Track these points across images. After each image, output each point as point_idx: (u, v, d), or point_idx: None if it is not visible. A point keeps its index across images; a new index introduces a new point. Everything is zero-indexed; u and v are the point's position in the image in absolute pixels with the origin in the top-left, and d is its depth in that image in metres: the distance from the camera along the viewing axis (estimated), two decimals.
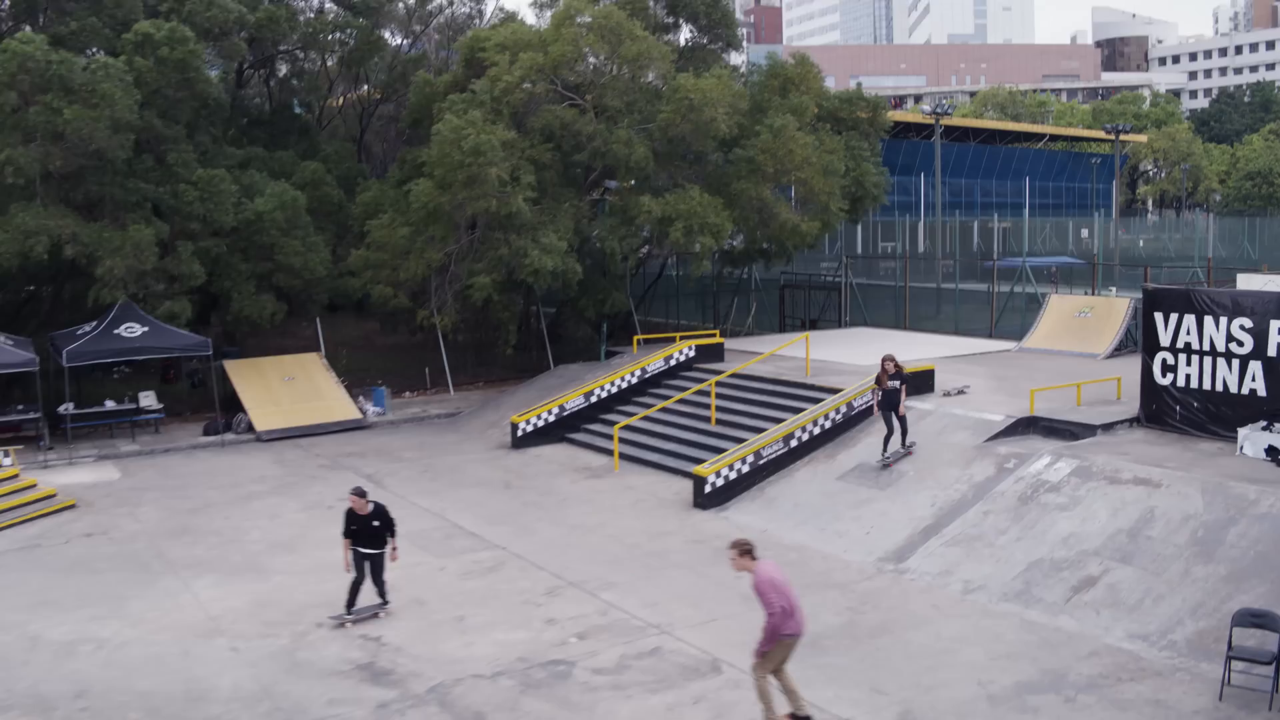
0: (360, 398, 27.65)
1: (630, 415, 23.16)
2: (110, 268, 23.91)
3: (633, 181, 27.95)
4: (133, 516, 19.23)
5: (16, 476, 20.69)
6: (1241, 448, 16.13)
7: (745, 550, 10.62)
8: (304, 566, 16.07)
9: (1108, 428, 17.87)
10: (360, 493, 13.49)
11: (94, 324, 24.89)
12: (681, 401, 22.93)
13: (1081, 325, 26.08)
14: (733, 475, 18.53)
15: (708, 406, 22.32)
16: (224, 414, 26.14)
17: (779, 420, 20.65)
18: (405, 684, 11.91)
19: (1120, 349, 24.96)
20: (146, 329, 24.93)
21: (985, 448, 17.84)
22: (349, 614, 13.59)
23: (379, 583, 13.69)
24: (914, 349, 25.87)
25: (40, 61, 22.73)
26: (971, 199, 65.43)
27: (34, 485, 20.49)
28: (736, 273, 35.29)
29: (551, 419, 23.82)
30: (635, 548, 16.58)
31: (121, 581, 15.81)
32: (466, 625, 13.58)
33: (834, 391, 20.97)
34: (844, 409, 19.94)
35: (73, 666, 12.78)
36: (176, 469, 22.86)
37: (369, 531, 13.40)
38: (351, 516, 13.42)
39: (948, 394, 20.75)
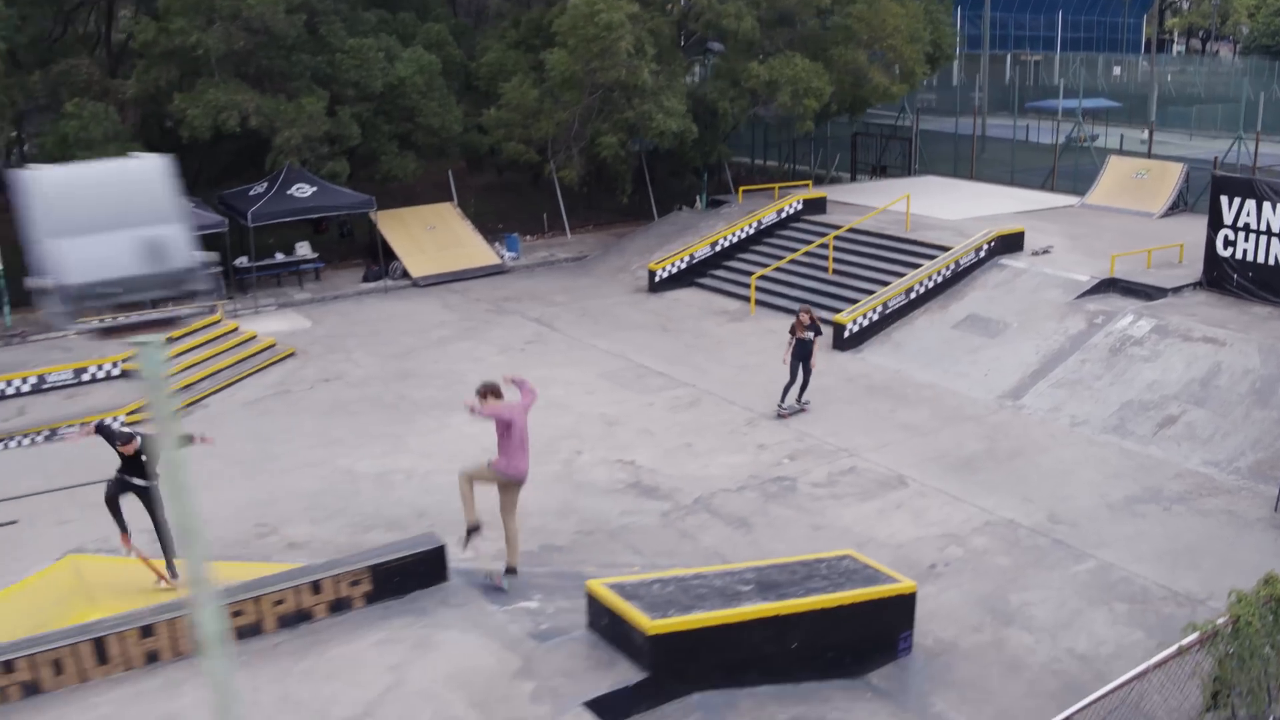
0: (495, 243, 31.23)
1: (751, 263, 26.93)
2: (288, 137, 27.14)
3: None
4: (352, 362, 23.03)
5: (237, 329, 24.45)
6: None
7: (485, 392, 11.65)
8: (541, 400, 19.97)
9: (1176, 290, 21.69)
10: None
11: (265, 186, 28.13)
12: (801, 252, 26.58)
13: (1138, 185, 29.64)
14: (865, 323, 22.48)
15: (823, 257, 26.03)
16: (375, 261, 29.72)
17: (887, 271, 24.46)
18: (673, 497, 16.07)
19: (1173, 209, 28.59)
20: (315, 189, 28.26)
21: (1075, 304, 21.73)
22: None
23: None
24: (986, 202, 29.56)
25: None
26: (1005, 32, 67.08)
27: (254, 336, 24.21)
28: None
29: (683, 266, 27.58)
30: None
31: (384, 421, 19.67)
32: (695, 451, 17.69)
33: (938, 248, 24.69)
34: (953, 266, 23.71)
35: (398, 494, 16.73)
36: (358, 315, 26.54)
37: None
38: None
39: (1035, 253, 24.49)
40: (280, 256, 29.05)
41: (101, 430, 12.96)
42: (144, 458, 12.46)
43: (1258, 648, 8.89)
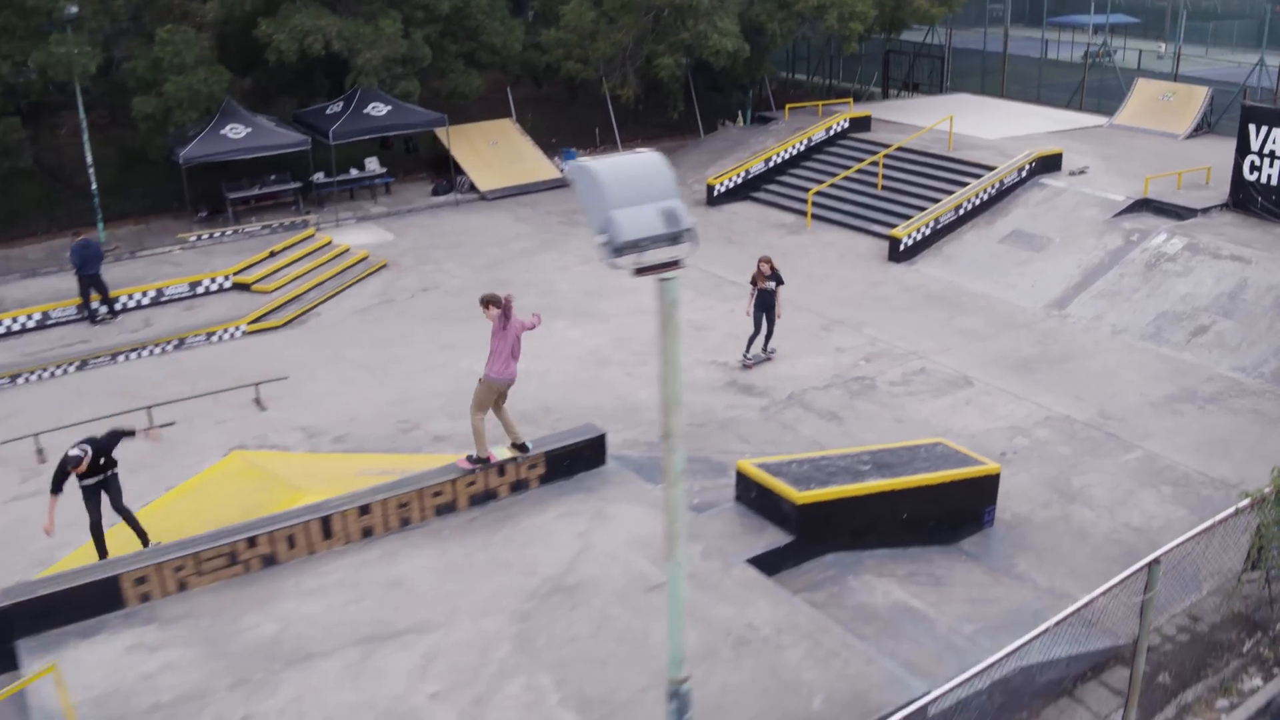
0: (554, 158, 32.97)
1: (803, 179, 28.79)
2: (369, 59, 28.70)
3: None
4: (444, 272, 24.99)
5: (331, 243, 26.31)
6: None
7: (487, 302, 12.62)
8: (626, 309, 22.11)
9: (1205, 211, 23.62)
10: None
11: (340, 105, 29.78)
12: (854, 169, 28.43)
13: (1164, 107, 31.39)
14: (918, 237, 24.46)
15: (872, 174, 27.90)
16: (443, 176, 31.49)
17: (933, 188, 26.37)
18: (769, 394, 18.25)
19: (1197, 130, 30.40)
20: (390, 108, 29.93)
21: (1112, 222, 23.72)
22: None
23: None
24: (1020, 122, 31.35)
25: None
26: None
27: (348, 249, 26.09)
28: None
29: (739, 181, 29.44)
30: (863, 294, 22.68)
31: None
32: (782, 354, 19.83)
33: (982, 167, 26.55)
34: (997, 185, 25.61)
35: (524, 391, 18.50)
36: (436, 228, 28.41)
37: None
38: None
39: (1072, 173, 26.39)
40: (355, 172, 30.72)
41: (66, 465, 12.61)
42: (101, 460, 12.72)
43: None
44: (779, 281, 18.50)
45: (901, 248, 24.18)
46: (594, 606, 11.05)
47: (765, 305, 18.56)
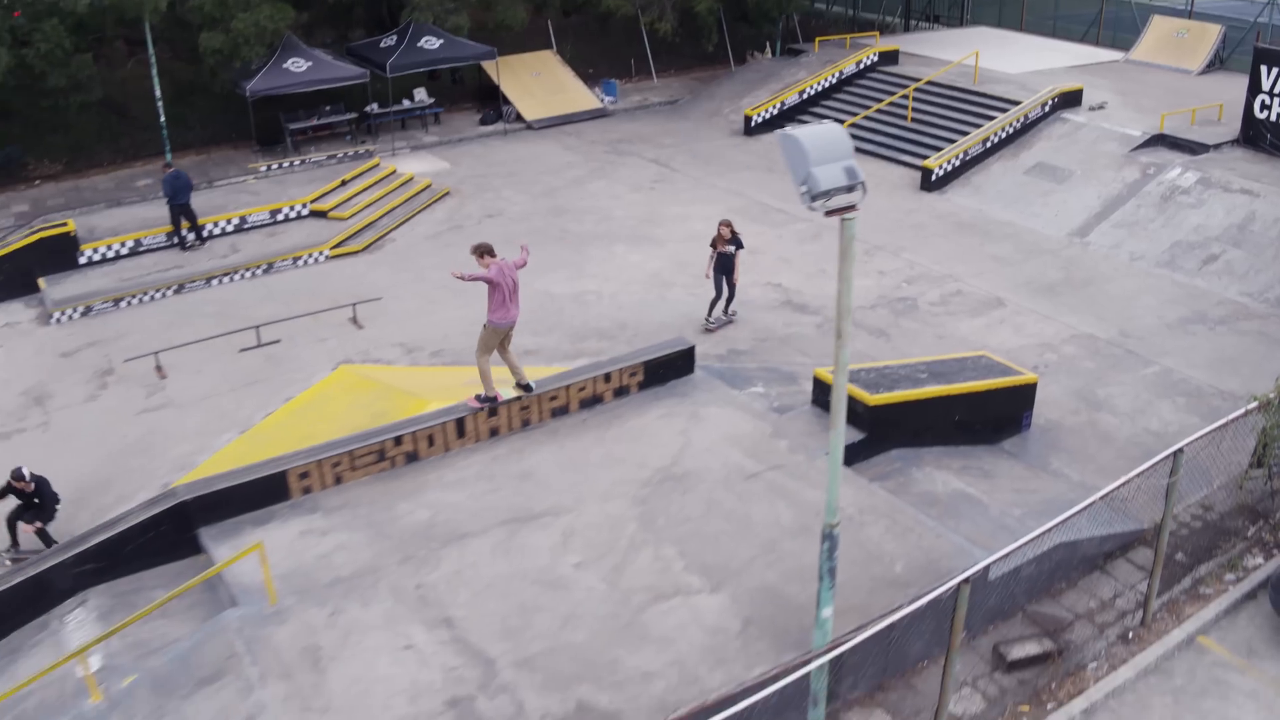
0: (595, 88, 34.45)
1: (835, 110, 30.37)
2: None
3: None
4: (505, 200, 26.64)
5: (395, 172, 27.86)
6: None
7: (480, 251, 13.37)
8: (679, 236, 23.90)
9: (1217, 147, 25.25)
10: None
11: (394, 39, 31.12)
12: (885, 103, 30.01)
13: (1178, 44, 32.87)
14: (949, 168, 26.15)
15: (902, 107, 29.50)
16: (487, 105, 32.98)
17: (960, 120, 27.98)
18: (821, 312, 20.11)
19: (1209, 67, 31.92)
20: (442, 41, 31.34)
21: (1130, 156, 25.41)
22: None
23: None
24: (1040, 56, 32.84)
25: None
26: None
27: (412, 178, 27.69)
28: None
29: (775, 112, 31.01)
30: (898, 221, 24.42)
31: (558, 251, 23.35)
32: (829, 275, 21.56)
33: (1008, 101, 28.14)
34: (1022, 119, 27.24)
35: (596, 310, 20.72)
36: (489, 157, 29.96)
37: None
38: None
39: (1092, 109, 27.99)
40: (406, 103, 32.20)
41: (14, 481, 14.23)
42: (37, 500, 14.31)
43: None
44: (739, 245, 18.77)
45: (933, 178, 25.87)
46: (701, 492, 13.04)
47: (725, 268, 18.79)
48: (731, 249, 18.64)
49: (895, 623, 9.02)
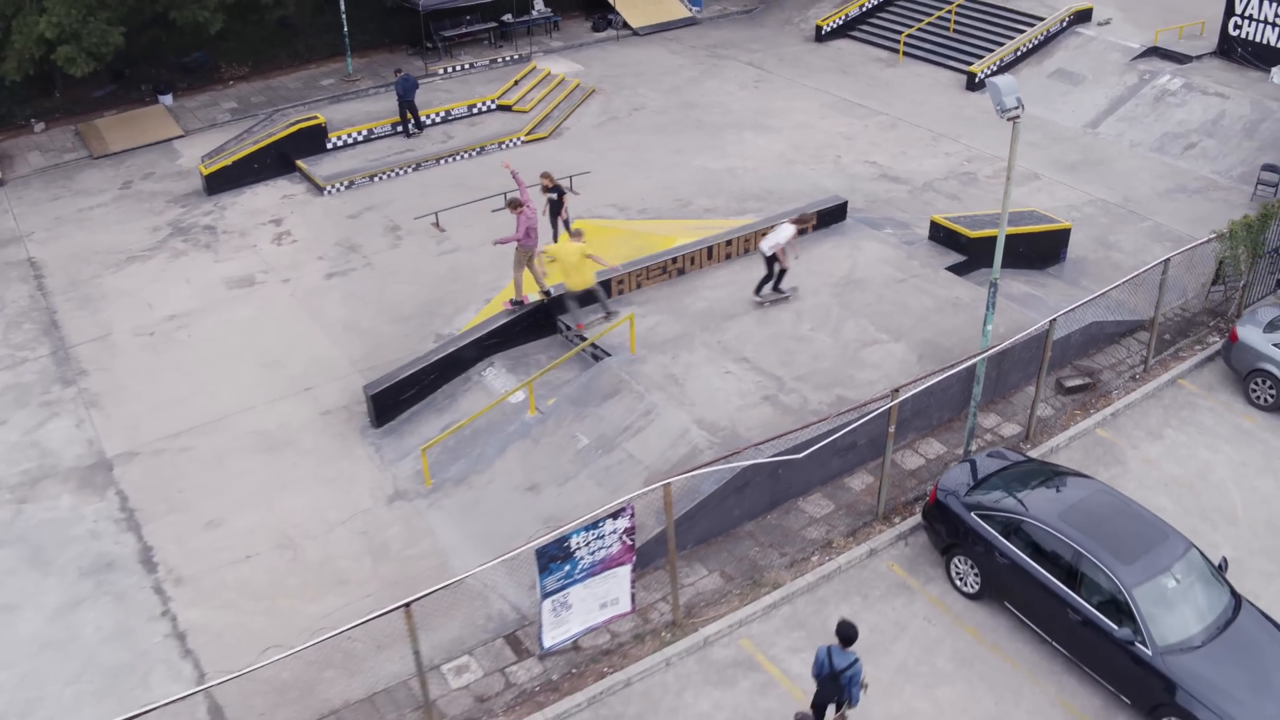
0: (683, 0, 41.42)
1: (891, 20, 37.36)
2: None
3: None
4: (640, 96, 33.79)
5: (550, 74, 34.90)
6: (1272, 78, 31.62)
7: (512, 204, 18.92)
8: (791, 124, 31.38)
9: (1199, 58, 32.80)
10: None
11: None
12: (935, 16, 37.27)
13: None
14: (988, 71, 33.68)
15: (946, 19, 36.85)
16: (595, 13, 39.85)
17: (993, 31, 35.20)
18: (909, 182, 27.78)
19: None
20: None
21: (1130, 65, 32.98)
22: None
23: None
24: None
25: None
26: None
27: (564, 79, 34.77)
28: None
29: (841, 22, 38.23)
30: (954, 115, 31.93)
31: (701, 137, 30.64)
32: (910, 155, 29.17)
33: (1033, 17, 35.46)
34: (1045, 32, 34.65)
35: (747, 180, 28.24)
36: (611, 60, 36.90)
37: None
38: None
39: (1100, 24, 35.42)
40: (535, 13, 39.06)
41: None
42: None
43: (1240, 240, 21.06)
44: (561, 192, 22.71)
45: (977, 80, 33.39)
46: (871, 289, 20.98)
47: (555, 212, 22.87)
48: (555, 195, 22.51)
49: (1014, 343, 17.10)
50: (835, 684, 11.78)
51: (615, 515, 12.97)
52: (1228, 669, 12.46)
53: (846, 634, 11.87)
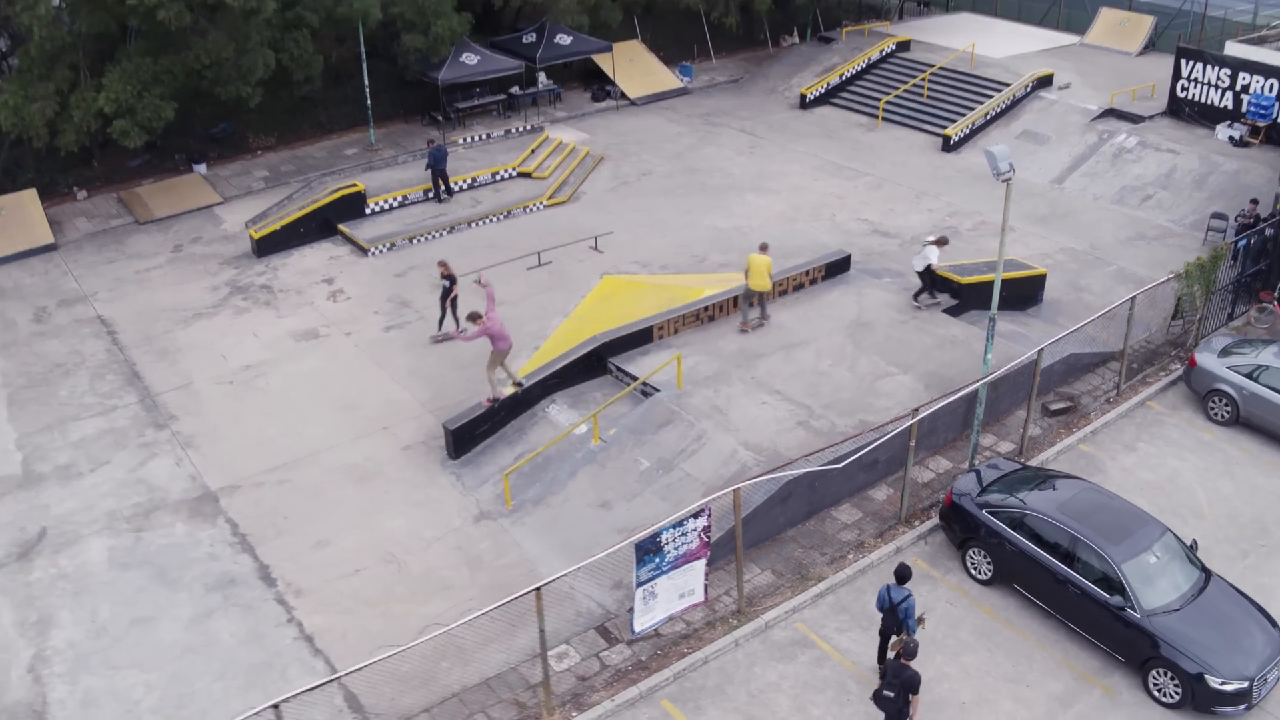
0: (674, 70, 44.79)
1: (868, 88, 40.79)
2: (567, 3, 40.04)
3: None
4: (645, 162, 36.79)
5: (561, 143, 38.01)
6: (1217, 134, 35.26)
7: (473, 317, 20.73)
8: (788, 187, 34.64)
9: (1151, 118, 36.36)
10: None
11: (534, 35, 40.95)
12: (910, 84, 40.82)
13: (1121, 30, 44.02)
14: (962, 134, 37.07)
15: (920, 86, 40.38)
16: (593, 85, 42.97)
17: (963, 96, 38.71)
18: (898, 236, 30.88)
19: (1145, 49, 43.08)
20: (571, 38, 41.32)
21: (1090, 125, 36.52)
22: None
23: None
24: (1015, 40, 43.49)
25: None
26: None
27: (575, 147, 37.85)
28: None
29: (823, 90, 41.70)
30: (932, 175, 35.24)
31: (706, 199, 33.69)
32: (896, 211, 32.26)
33: (999, 83, 39.04)
34: (1011, 97, 38.22)
35: (752, 237, 30.75)
36: (614, 128, 39.80)
37: None
38: None
39: (1060, 88, 39.05)
40: (540, 85, 42.18)
41: None
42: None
43: (1195, 279, 24.28)
44: (453, 281, 24.94)
45: (951, 142, 36.81)
46: (879, 329, 23.99)
47: (445, 295, 25.09)
48: (447, 284, 24.92)
49: (1009, 370, 20.14)
50: (894, 615, 14.68)
51: (696, 515, 15.74)
52: (1202, 627, 15.39)
53: (902, 573, 15.13)
